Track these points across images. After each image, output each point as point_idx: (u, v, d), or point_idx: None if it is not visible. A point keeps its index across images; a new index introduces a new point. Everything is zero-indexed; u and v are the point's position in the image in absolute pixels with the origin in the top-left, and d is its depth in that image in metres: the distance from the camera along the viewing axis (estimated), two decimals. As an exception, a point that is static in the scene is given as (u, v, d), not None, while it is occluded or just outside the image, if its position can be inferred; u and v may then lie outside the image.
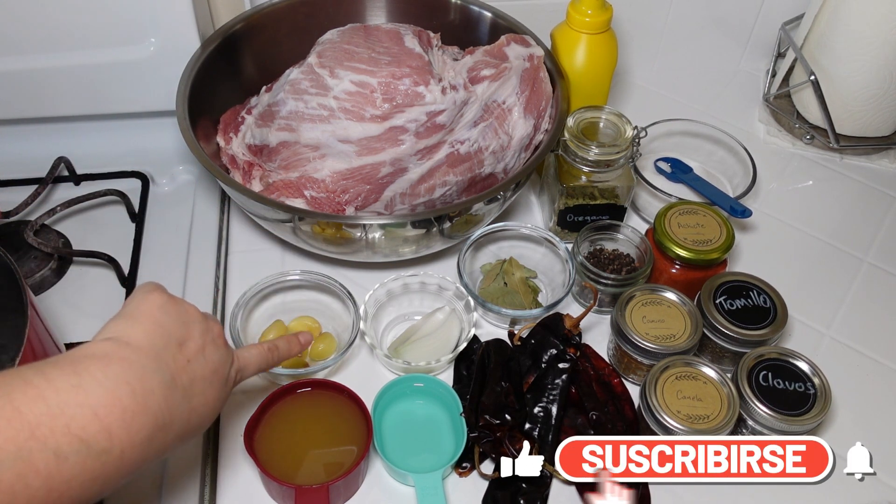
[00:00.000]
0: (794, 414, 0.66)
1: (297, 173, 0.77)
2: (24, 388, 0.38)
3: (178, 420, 0.45)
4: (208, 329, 0.51)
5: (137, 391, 0.41)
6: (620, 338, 0.72)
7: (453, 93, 0.75)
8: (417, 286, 0.79)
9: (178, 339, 0.47)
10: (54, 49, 0.83)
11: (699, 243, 0.76)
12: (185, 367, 0.47)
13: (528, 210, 0.91)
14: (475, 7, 0.90)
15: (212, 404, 0.49)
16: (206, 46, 0.83)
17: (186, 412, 0.46)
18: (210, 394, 0.49)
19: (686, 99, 1.07)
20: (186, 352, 0.47)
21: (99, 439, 0.39)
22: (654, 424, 0.66)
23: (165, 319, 0.48)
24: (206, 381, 0.48)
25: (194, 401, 0.47)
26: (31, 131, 0.91)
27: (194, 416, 0.47)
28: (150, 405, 0.42)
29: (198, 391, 0.47)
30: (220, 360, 0.50)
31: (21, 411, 0.36)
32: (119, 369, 0.41)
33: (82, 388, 0.39)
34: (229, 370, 0.52)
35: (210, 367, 0.49)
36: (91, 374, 0.40)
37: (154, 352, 0.45)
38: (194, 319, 0.50)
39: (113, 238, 0.83)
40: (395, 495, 0.66)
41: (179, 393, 0.45)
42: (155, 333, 0.46)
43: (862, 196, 0.96)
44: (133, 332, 0.46)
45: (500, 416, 0.65)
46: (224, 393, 0.51)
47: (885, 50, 0.90)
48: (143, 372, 0.43)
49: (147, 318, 0.47)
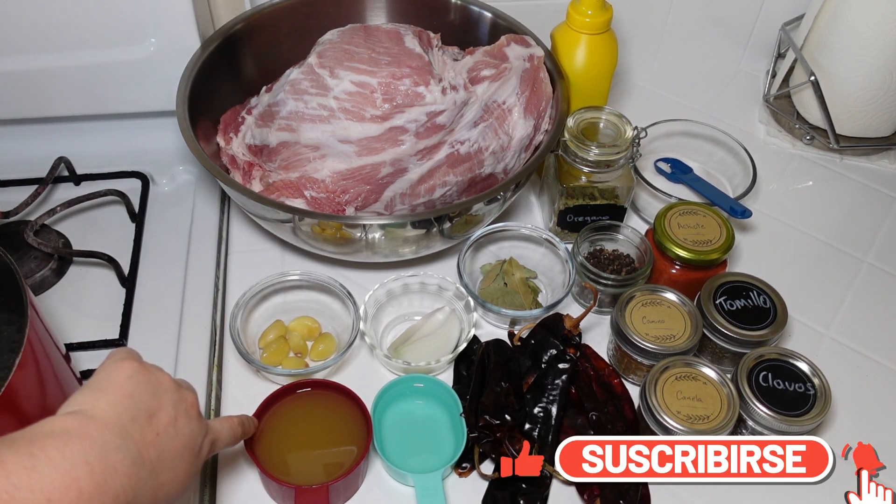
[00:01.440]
0: (794, 414, 0.66)
1: (297, 173, 0.77)
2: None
3: (144, 497, 0.43)
4: (181, 399, 0.49)
5: (97, 471, 0.40)
6: (620, 338, 0.72)
7: (453, 93, 0.75)
8: (417, 286, 0.79)
9: (147, 411, 0.45)
10: (54, 49, 0.83)
11: (699, 244, 0.76)
12: (153, 440, 0.45)
13: (528, 210, 0.91)
14: (475, 7, 0.90)
15: (181, 479, 0.47)
16: (206, 46, 0.83)
17: (153, 489, 0.44)
18: (180, 468, 0.47)
19: (686, 99, 1.07)
20: (156, 425, 0.46)
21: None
22: (654, 425, 0.66)
23: (135, 389, 0.46)
24: (175, 455, 0.46)
25: (161, 476, 0.45)
26: (31, 131, 0.91)
27: (161, 492, 0.45)
28: (110, 485, 0.40)
29: (166, 466, 0.45)
30: (192, 433, 0.48)
31: None
32: (78, 448, 0.40)
33: (36, 470, 0.37)
34: (201, 442, 0.50)
35: (181, 440, 0.47)
36: (47, 455, 0.38)
37: (119, 426, 0.43)
38: (166, 389, 0.48)
39: (113, 238, 0.83)
40: (395, 495, 0.66)
41: (146, 470, 0.43)
42: (122, 405, 0.44)
43: (862, 196, 0.96)
44: (99, 404, 0.43)
45: (500, 417, 0.65)
46: (195, 467, 0.49)
47: (886, 50, 0.90)
48: (106, 449, 0.41)
49: (115, 389, 0.45)
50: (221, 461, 0.67)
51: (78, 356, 0.72)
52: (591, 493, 0.65)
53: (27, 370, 0.54)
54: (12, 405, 0.52)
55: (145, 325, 0.76)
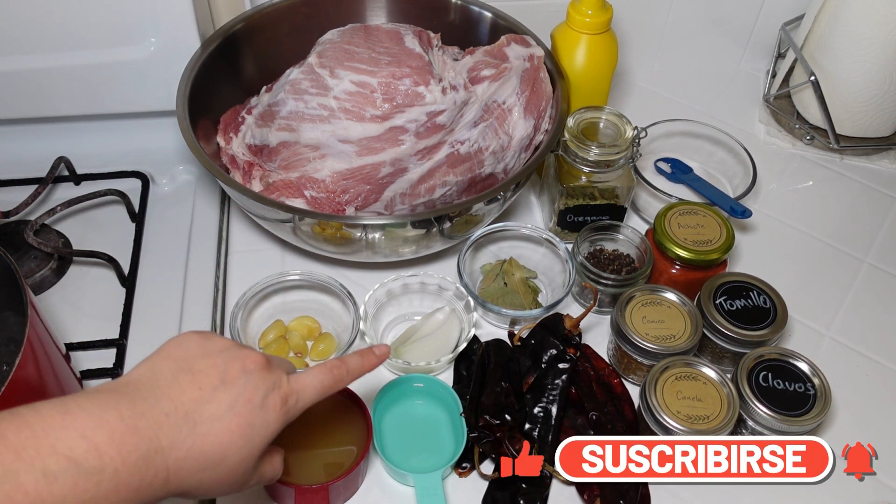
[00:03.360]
0: (794, 414, 0.66)
1: (297, 173, 0.77)
2: (11, 419, 0.39)
3: (183, 443, 0.44)
4: (237, 356, 0.49)
5: (126, 415, 0.42)
6: (620, 338, 0.72)
7: (453, 93, 0.75)
8: (417, 286, 0.79)
9: (190, 371, 0.47)
10: (54, 49, 0.83)
11: (699, 244, 0.76)
12: (195, 394, 0.46)
13: (528, 210, 0.91)
14: (475, 7, 0.90)
15: (236, 429, 0.47)
16: (206, 46, 0.83)
17: (191, 436, 0.45)
18: (233, 419, 0.47)
19: (686, 99, 1.07)
20: (199, 381, 0.47)
21: (89, 458, 0.39)
22: (654, 425, 0.66)
23: (180, 354, 0.48)
24: (224, 407, 0.47)
25: (202, 427, 0.45)
26: (31, 131, 0.91)
27: (207, 442, 0.45)
28: (140, 427, 0.42)
29: (209, 417, 0.46)
30: (248, 386, 0.48)
31: (6, 437, 0.38)
32: (107, 398, 0.42)
33: (68, 413, 0.40)
34: (264, 395, 0.49)
35: (232, 393, 0.47)
36: (77, 403, 0.41)
37: (151, 384, 0.45)
38: (219, 351, 0.49)
39: (113, 238, 0.83)
40: (395, 495, 0.66)
41: (180, 418, 0.44)
42: (159, 367, 0.47)
43: (862, 196, 0.96)
44: (138, 369, 0.47)
45: (500, 417, 0.64)
46: (260, 419, 0.48)
47: (886, 50, 0.90)
48: (133, 399, 0.43)
49: (158, 355, 0.48)
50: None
51: (78, 356, 0.72)
52: (591, 493, 0.65)
53: (27, 370, 0.54)
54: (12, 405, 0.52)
55: (145, 325, 0.76)
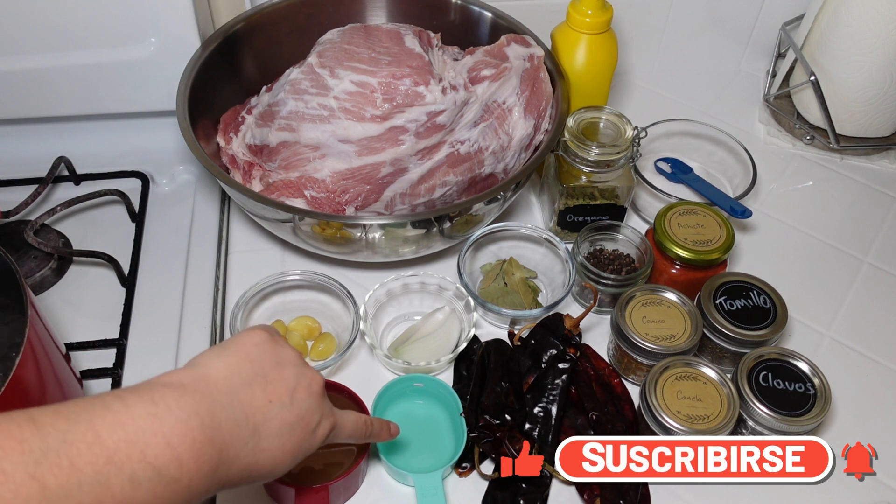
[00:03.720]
0: (794, 414, 0.66)
1: (297, 173, 0.77)
2: (104, 414, 0.39)
3: (244, 457, 0.45)
4: (305, 374, 0.49)
5: (206, 424, 0.42)
6: (620, 338, 0.72)
7: (453, 93, 0.75)
8: (417, 286, 0.79)
9: (264, 378, 0.47)
10: (54, 49, 0.83)
11: (699, 243, 0.76)
12: (263, 406, 0.46)
13: (528, 210, 0.91)
14: (475, 7, 0.90)
15: (288, 450, 0.47)
16: (206, 46, 0.83)
17: (253, 451, 0.45)
18: (289, 441, 0.47)
19: (686, 99, 1.07)
20: (270, 392, 0.47)
21: (170, 468, 0.39)
22: (654, 424, 0.66)
23: (258, 356, 0.48)
24: (286, 425, 0.47)
25: (264, 442, 0.46)
26: (31, 131, 0.91)
27: (263, 457, 0.46)
28: (216, 439, 0.42)
29: (272, 433, 0.46)
30: (309, 409, 0.49)
31: (101, 436, 0.38)
32: (191, 401, 0.42)
33: (158, 416, 0.40)
34: (318, 421, 0.50)
35: (295, 412, 0.48)
36: (166, 404, 0.41)
37: (229, 387, 0.45)
38: (291, 363, 0.49)
39: (113, 238, 0.83)
40: (395, 495, 0.66)
41: (248, 431, 0.45)
42: (238, 368, 0.46)
43: (862, 196, 0.96)
44: (217, 364, 0.46)
45: (500, 416, 0.64)
46: (306, 445, 0.49)
47: (886, 50, 0.90)
48: (213, 407, 0.43)
49: (236, 353, 0.47)
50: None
51: (78, 356, 0.72)
52: (591, 493, 0.65)
53: (27, 370, 0.54)
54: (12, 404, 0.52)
55: (145, 325, 0.76)
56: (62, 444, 0.36)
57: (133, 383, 0.53)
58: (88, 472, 0.36)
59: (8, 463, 0.34)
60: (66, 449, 0.36)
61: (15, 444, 0.35)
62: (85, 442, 0.37)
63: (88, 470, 0.36)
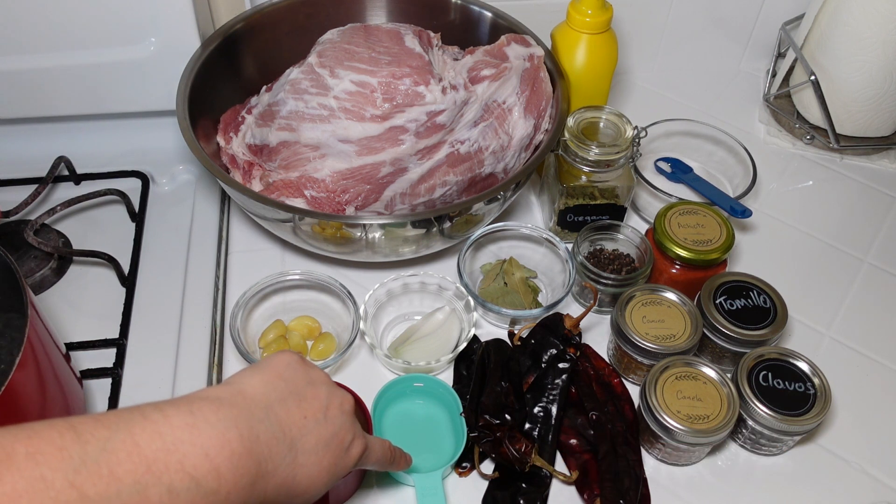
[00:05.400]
0: (794, 414, 0.66)
1: (297, 173, 0.77)
2: (144, 424, 0.39)
3: (282, 472, 0.45)
4: (336, 394, 0.50)
5: (245, 436, 0.42)
6: (620, 338, 0.72)
7: (453, 93, 0.75)
8: (417, 286, 0.79)
9: (298, 395, 0.48)
10: (54, 49, 0.83)
11: (699, 243, 0.76)
12: (299, 422, 0.47)
13: (528, 210, 0.91)
14: (475, 7, 0.90)
15: (325, 466, 0.48)
16: (206, 46, 0.83)
17: (291, 465, 0.45)
18: (325, 456, 0.48)
19: (686, 99, 1.07)
20: (305, 409, 0.47)
21: (209, 479, 0.40)
22: (654, 424, 0.66)
23: (290, 375, 0.48)
24: (321, 442, 0.48)
25: (301, 457, 0.46)
26: (31, 131, 0.91)
27: (301, 473, 0.46)
28: (255, 451, 0.42)
29: (308, 448, 0.47)
30: (343, 427, 0.50)
31: (140, 446, 0.38)
32: (229, 414, 0.42)
33: (196, 427, 0.40)
34: (351, 440, 0.50)
35: (330, 429, 0.48)
36: (204, 416, 0.41)
37: (266, 402, 0.45)
38: (323, 382, 0.50)
39: (113, 238, 0.83)
40: (395, 495, 0.66)
41: (286, 445, 0.45)
42: (273, 385, 0.47)
43: (862, 196, 0.96)
44: (252, 381, 0.46)
45: (500, 416, 0.64)
46: (341, 464, 0.49)
47: (885, 50, 0.90)
48: (251, 420, 0.43)
49: (270, 371, 0.48)
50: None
51: (78, 356, 0.72)
52: (592, 493, 0.65)
53: (27, 369, 0.54)
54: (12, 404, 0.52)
55: (145, 324, 0.76)
56: (102, 453, 0.36)
57: (133, 383, 0.53)
58: (127, 482, 0.36)
59: (48, 470, 0.34)
60: (106, 457, 0.36)
61: (55, 452, 0.35)
62: (124, 451, 0.37)
63: (127, 479, 0.36)
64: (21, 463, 0.34)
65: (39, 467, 0.34)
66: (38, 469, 0.34)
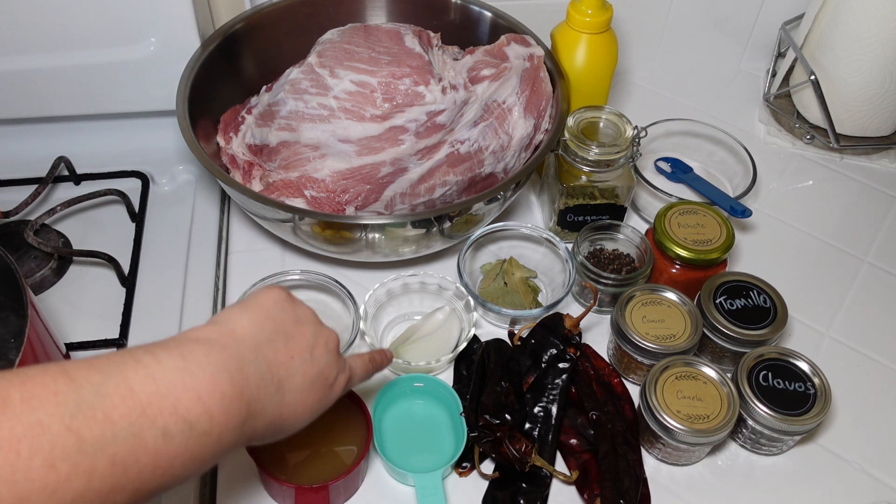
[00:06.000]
0: (794, 414, 0.66)
1: (297, 173, 0.77)
2: (136, 368, 0.39)
3: (269, 412, 0.46)
4: (321, 332, 0.51)
5: (235, 378, 0.43)
6: (620, 338, 0.72)
7: (453, 93, 0.75)
8: (417, 286, 0.79)
9: (285, 334, 0.48)
10: (54, 49, 0.83)
11: (699, 243, 0.76)
12: (286, 362, 0.47)
13: (528, 210, 0.91)
14: (475, 7, 0.90)
15: (309, 404, 0.49)
16: (206, 46, 0.83)
17: (277, 405, 0.46)
18: (310, 395, 0.49)
19: (686, 99, 1.07)
20: (292, 348, 0.48)
21: (201, 421, 0.40)
22: (654, 424, 0.66)
23: (278, 314, 0.49)
24: (307, 381, 0.49)
25: (287, 396, 0.47)
26: (31, 131, 0.91)
27: (286, 412, 0.47)
28: (244, 393, 0.43)
29: (295, 388, 0.48)
30: (328, 364, 0.51)
31: (133, 390, 0.38)
32: (220, 356, 0.43)
33: (188, 371, 0.41)
34: (336, 376, 0.52)
35: (315, 368, 0.49)
36: (195, 359, 0.42)
37: (255, 343, 0.46)
38: (309, 321, 0.51)
39: (113, 238, 0.83)
40: (395, 495, 0.66)
41: (273, 386, 0.46)
42: (262, 325, 0.48)
43: (862, 196, 0.96)
44: (241, 321, 0.47)
45: (500, 416, 0.64)
46: (325, 399, 0.51)
47: (886, 50, 0.90)
48: (241, 361, 0.44)
49: (259, 310, 0.48)
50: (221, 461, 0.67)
51: (78, 356, 0.72)
52: (592, 493, 0.65)
53: (27, 370, 0.54)
54: (12, 405, 0.52)
55: (145, 325, 0.76)
56: (96, 397, 0.37)
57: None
58: (122, 425, 0.37)
59: (44, 414, 0.35)
60: (101, 402, 0.37)
61: (50, 396, 0.35)
62: (118, 395, 0.37)
63: (122, 422, 0.37)
64: (17, 408, 0.34)
65: (36, 412, 0.34)
66: (35, 414, 0.34)
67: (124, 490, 0.37)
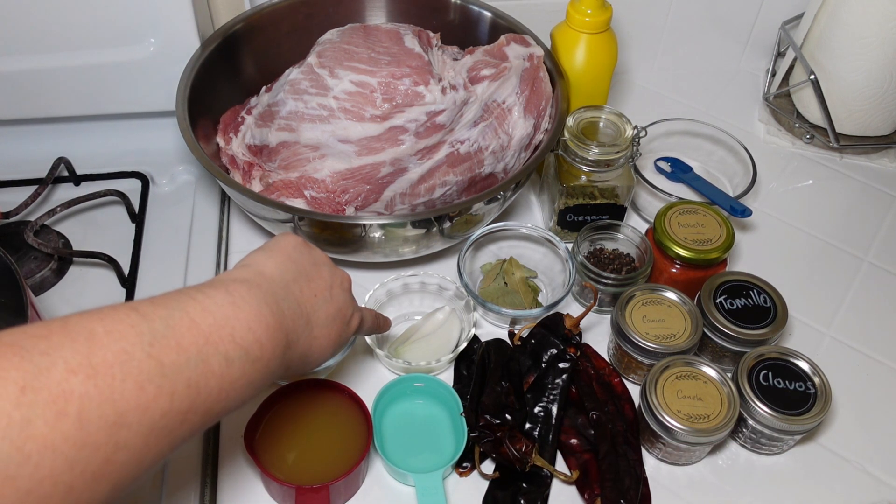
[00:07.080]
0: (794, 413, 0.66)
1: (297, 173, 0.77)
2: (193, 304, 0.43)
3: (302, 343, 0.51)
4: (337, 274, 0.57)
5: (274, 311, 0.47)
6: (620, 337, 0.72)
7: (453, 93, 0.75)
8: (417, 286, 0.79)
9: (306, 275, 0.53)
10: (54, 49, 0.83)
11: (699, 243, 0.76)
12: (310, 299, 0.52)
13: (528, 210, 0.91)
14: (475, 7, 0.90)
15: (333, 339, 0.55)
16: (206, 46, 0.83)
17: (307, 339, 0.52)
18: (332, 330, 0.54)
19: (686, 99, 1.07)
20: (314, 287, 0.53)
21: (254, 349, 0.45)
22: (655, 424, 0.66)
23: (298, 257, 0.54)
24: (329, 317, 0.54)
25: (315, 331, 0.52)
26: (31, 131, 0.91)
27: (315, 345, 0.53)
28: (283, 324, 0.48)
29: (320, 322, 0.53)
30: (345, 302, 0.56)
31: (196, 322, 0.42)
32: (258, 293, 0.47)
33: (236, 305, 0.45)
34: (351, 314, 0.57)
35: (335, 305, 0.55)
36: (240, 294, 0.46)
37: (283, 282, 0.51)
38: (324, 263, 0.56)
39: (113, 238, 0.83)
40: (395, 495, 0.66)
41: (304, 320, 0.51)
42: (286, 267, 0.52)
43: (862, 196, 0.96)
44: (268, 263, 0.52)
45: (501, 416, 0.64)
46: (344, 335, 0.56)
47: (885, 50, 0.90)
48: (276, 297, 0.49)
49: (280, 253, 0.53)
50: (222, 461, 0.68)
51: (78, 356, 0.72)
52: (592, 493, 0.65)
53: (27, 370, 0.54)
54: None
55: (145, 325, 0.76)
56: (167, 328, 0.40)
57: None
58: (192, 352, 0.41)
59: (127, 344, 0.38)
60: (171, 332, 0.40)
61: (128, 328, 0.39)
62: (184, 326, 0.41)
63: (192, 350, 0.41)
64: (103, 339, 0.37)
65: (119, 342, 0.38)
66: (119, 343, 0.38)
67: (197, 411, 0.41)
